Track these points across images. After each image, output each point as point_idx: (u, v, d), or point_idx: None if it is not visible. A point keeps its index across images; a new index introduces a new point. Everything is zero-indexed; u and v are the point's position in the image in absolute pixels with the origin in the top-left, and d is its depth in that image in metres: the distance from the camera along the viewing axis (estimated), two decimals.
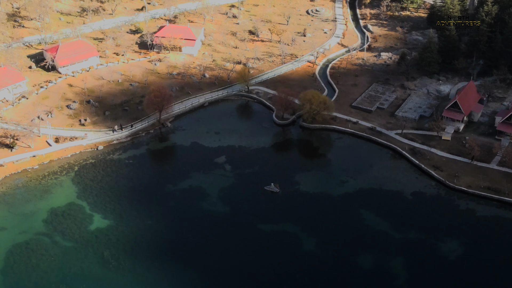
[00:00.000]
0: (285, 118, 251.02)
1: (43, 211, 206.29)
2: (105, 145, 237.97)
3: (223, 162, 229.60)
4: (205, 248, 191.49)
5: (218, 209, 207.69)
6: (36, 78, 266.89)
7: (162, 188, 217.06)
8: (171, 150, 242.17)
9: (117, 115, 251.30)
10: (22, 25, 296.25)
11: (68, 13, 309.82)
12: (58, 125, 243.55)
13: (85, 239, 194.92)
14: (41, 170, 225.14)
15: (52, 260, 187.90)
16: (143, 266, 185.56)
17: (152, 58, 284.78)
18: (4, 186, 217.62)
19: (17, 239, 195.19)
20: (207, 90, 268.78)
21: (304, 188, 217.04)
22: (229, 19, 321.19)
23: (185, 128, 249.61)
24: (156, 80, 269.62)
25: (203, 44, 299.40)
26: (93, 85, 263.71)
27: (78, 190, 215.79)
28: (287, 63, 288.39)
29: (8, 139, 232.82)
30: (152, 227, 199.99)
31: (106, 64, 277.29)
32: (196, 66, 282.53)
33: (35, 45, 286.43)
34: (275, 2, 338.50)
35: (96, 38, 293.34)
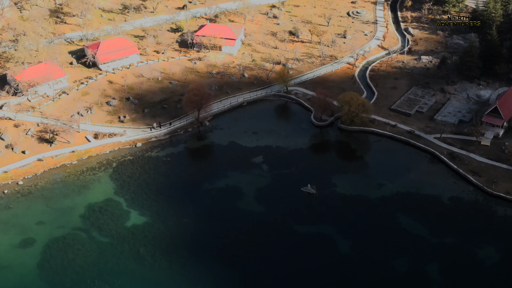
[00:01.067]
0: (323, 120, 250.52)
1: (81, 206, 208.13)
2: (143, 142, 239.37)
3: (260, 162, 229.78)
4: (240, 248, 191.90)
5: (254, 209, 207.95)
6: (77, 74, 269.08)
7: (199, 186, 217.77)
8: (209, 149, 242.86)
9: (156, 112, 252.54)
10: (64, 21, 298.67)
11: (109, 10, 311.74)
12: (97, 122, 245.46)
13: (122, 235, 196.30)
14: (79, 166, 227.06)
15: (88, 255, 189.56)
16: (178, 263, 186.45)
17: (192, 56, 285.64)
18: (43, 180, 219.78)
19: (54, 234, 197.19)
20: (246, 90, 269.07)
21: (340, 190, 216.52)
22: (270, 19, 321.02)
23: (223, 127, 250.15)
24: (195, 79, 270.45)
25: (243, 43, 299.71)
26: (133, 83, 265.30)
27: (116, 186, 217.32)
28: (326, 64, 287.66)
29: (48, 134, 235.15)
30: (188, 225, 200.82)
31: (146, 62, 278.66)
32: (236, 65, 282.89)
33: (76, 42, 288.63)
34: (316, 3, 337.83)
35: (137, 36, 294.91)
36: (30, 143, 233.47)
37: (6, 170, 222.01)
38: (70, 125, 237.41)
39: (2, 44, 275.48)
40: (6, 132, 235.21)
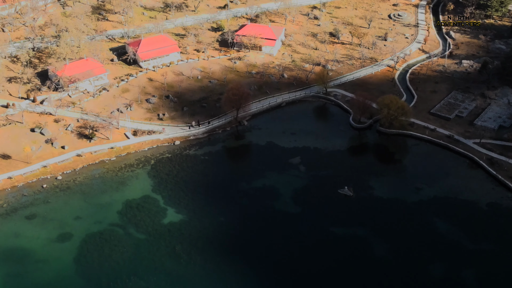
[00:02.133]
0: (362, 122, 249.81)
1: (118, 202, 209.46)
2: (181, 140, 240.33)
3: (297, 163, 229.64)
4: (275, 248, 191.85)
5: (291, 210, 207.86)
6: (117, 71, 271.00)
7: (236, 185, 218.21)
8: (247, 149, 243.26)
9: (195, 111, 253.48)
10: (106, 18, 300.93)
11: (151, 8, 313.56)
12: (136, 119, 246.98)
13: (158, 232, 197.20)
14: (118, 162, 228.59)
15: (124, 251, 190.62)
16: (213, 262, 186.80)
17: (232, 56, 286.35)
18: (82, 176, 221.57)
19: (91, 229, 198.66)
20: (285, 90, 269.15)
21: (378, 193, 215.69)
22: (310, 20, 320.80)
23: (261, 127, 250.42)
24: (235, 78, 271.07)
25: (283, 44, 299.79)
26: (173, 81, 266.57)
27: (154, 184, 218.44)
28: (366, 66, 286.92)
29: (87, 130, 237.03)
30: (224, 224, 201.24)
31: (187, 60, 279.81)
32: (275, 66, 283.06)
33: (118, 39, 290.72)
34: (357, 5, 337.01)
35: (178, 34, 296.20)
36: (69, 138, 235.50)
37: (45, 164, 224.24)
38: (110, 121, 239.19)
39: (44, 40, 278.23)
40: (46, 127, 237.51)
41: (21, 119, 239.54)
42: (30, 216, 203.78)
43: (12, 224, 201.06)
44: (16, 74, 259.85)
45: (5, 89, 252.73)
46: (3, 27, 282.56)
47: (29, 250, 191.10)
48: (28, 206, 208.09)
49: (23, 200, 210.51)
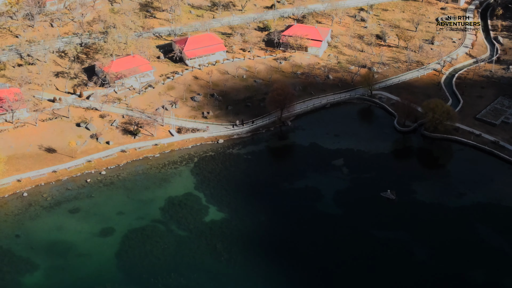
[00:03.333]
0: (406, 125, 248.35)
1: (161, 199, 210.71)
2: (225, 139, 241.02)
3: (340, 165, 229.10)
4: (316, 249, 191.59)
5: (332, 212, 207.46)
6: (163, 68, 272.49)
7: (278, 185, 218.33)
8: (290, 149, 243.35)
9: (239, 110, 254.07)
10: (153, 15, 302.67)
11: (198, 7, 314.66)
12: (181, 116, 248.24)
13: (199, 230, 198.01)
14: (161, 159, 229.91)
15: (165, 247, 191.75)
16: (254, 261, 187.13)
17: (277, 56, 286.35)
18: (125, 171, 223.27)
19: (133, 225, 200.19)
20: (329, 92, 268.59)
21: (420, 197, 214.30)
22: (357, 22, 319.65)
23: (305, 128, 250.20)
24: (280, 78, 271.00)
25: (329, 45, 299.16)
26: (218, 79, 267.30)
27: (196, 181, 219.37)
28: (412, 70, 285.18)
29: (132, 126, 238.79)
30: (266, 223, 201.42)
31: (232, 59, 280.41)
32: (321, 67, 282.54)
33: (164, 36, 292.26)
34: (405, 8, 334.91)
35: (224, 33, 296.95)
36: (114, 134, 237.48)
37: (90, 159, 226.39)
38: (155, 118, 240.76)
39: (92, 36, 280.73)
40: (91, 122, 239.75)
41: (67, 114, 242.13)
42: (74, 210, 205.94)
43: (55, 217, 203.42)
44: (63, 69, 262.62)
45: (52, 84, 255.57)
46: (52, 22, 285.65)
47: (71, 244, 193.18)
48: (72, 200, 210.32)
49: (67, 194, 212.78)
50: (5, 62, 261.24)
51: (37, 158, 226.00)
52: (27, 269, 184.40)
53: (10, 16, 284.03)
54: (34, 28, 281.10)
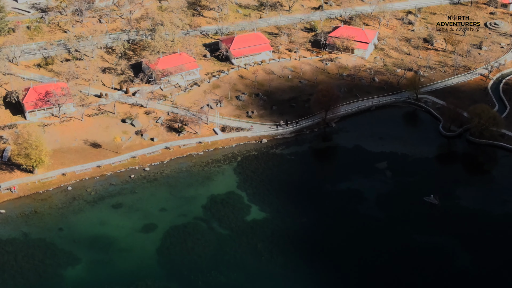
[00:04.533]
0: (451, 130, 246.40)
1: (203, 197, 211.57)
2: (269, 138, 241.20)
3: (384, 168, 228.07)
4: (356, 253, 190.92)
5: (374, 214, 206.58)
6: (209, 67, 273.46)
7: (320, 187, 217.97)
8: (333, 151, 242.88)
9: (284, 110, 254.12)
10: (201, 14, 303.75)
11: (246, 6, 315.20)
12: (225, 115, 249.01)
13: (241, 229, 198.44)
14: (205, 157, 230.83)
15: (206, 245, 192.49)
16: (294, 262, 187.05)
17: (323, 57, 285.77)
18: (169, 168, 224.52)
19: (175, 222, 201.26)
20: (375, 94, 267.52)
21: (464, 203, 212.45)
22: (405, 25, 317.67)
23: (349, 130, 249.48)
24: (325, 80, 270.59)
25: (375, 48, 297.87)
26: (263, 79, 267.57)
27: (239, 180, 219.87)
28: (459, 74, 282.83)
29: (177, 124, 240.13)
30: (307, 225, 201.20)
31: (278, 60, 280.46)
32: (367, 69, 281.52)
33: (211, 35, 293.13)
34: (453, 12, 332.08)
35: (271, 33, 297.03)
36: (159, 131, 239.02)
37: (134, 155, 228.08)
38: (199, 116, 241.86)
39: (139, 33, 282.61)
40: (137, 118, 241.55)
41: (113, 109, 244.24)
42: (117, 205, 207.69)
43: (98, 212, 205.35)
44: (110, 65, 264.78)
45: (99, 79, 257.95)
46: (100, 18, 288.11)
47: (113, 238, 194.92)
48: (115, 195, 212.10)
49: (111, 189, 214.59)
50: (53, 56, 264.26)
51: (82, 152, 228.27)
52: (69, 262, 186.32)
53: (60, 11, 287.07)
54: (82, 24, 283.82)
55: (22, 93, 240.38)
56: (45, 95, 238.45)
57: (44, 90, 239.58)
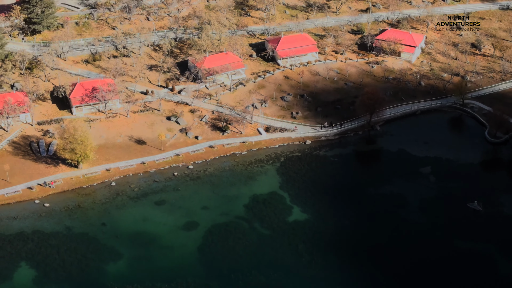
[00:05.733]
0: (498, 137, 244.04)
1: (246, 196, 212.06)
2: (312, 140, 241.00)
3: (427, 173, 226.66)
4: (397, 257, 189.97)
5: (416, 219, 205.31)
6: (255, 67, 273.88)
7: (363, 190, 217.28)
8: (377, 154, 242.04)
9: (328, 112, 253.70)
10: (248, 14, 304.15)
11: (293, 7, 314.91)
12: (270, 115, 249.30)
13: (282, 230, 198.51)
14: (248, 156, 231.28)
15: (247, 244, 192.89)
16: (334, 264, 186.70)
17: (370, 60, 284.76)
18: (212, 167, 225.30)
19: (217, 220, 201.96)
20: (421, 98, 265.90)
21: (508, 211, 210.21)
22: (452, 29, 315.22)
23: (394, 134, 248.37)
24: (371, 83, 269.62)
25: (422, 51, 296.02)
26: (309, 80, 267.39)
27: (282, 181, 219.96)
28: (507, 80, 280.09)
29: (221, 123, 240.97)
30: (348, 227, 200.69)
31: (324, 61, 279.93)
32: (413, 73, 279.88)
33: (258, 35, 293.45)
34: (502, 17, 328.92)
35: (317, 34, 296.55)
36: (203, 129, 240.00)
37: (178, 153, 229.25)
38: (244, 116, 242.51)
39: (187, 31, 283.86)
40: (182, 116, 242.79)
41: (158, 107, 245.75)
42: (159, 202, 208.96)
43: (141, 208, 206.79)
44: (157, 62, 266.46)
45: (146, 77, 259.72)
46: (148, 16, 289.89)
47: (155, 235, 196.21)
48: (158, 192, 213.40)
49: (154, 186, 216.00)
50: (101, 53, 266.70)
51: (126, 149, 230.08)
52: (111, 257, 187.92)
53: (108, 8, 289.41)
54: (130, 21, 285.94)
55: (69, 88, 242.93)
56: (92, 91, 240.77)
57: (91, 86, 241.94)
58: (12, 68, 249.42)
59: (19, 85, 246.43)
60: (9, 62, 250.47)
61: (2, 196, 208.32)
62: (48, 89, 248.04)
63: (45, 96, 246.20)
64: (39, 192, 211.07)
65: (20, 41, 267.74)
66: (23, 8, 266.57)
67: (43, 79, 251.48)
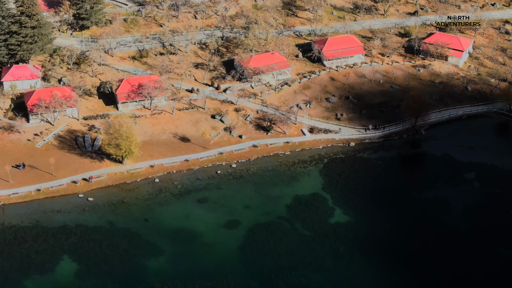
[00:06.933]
0: None
1: (288, 196, 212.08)
2: (356, 142, 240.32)
3: (472, 179, 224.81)
4: (438, 262, 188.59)
5: (459, 225, 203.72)
6: (301, 67, 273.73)
7: (406, 194, 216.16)
8: (421, 158, 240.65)
9: (373, 115, 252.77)
10: (295, 14, 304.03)
11: (341, 8, 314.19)
12: (314, 116, 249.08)
13: (324, 231, 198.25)
14: (291, 157, 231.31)
15: (288, 245, 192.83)
16: (375, 267, 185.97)
17: (416, 63, 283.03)
18: (255, 166, 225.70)
19: (259, 219, 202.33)
20: (467, 103, 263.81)
21: None
22: (501, 34, 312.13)
23: (439, 138, 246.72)
24: (417, 86, 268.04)
25: (470, 56, 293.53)
26: (354, 82, 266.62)
27: (324, 182, 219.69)
28: None
29: (265, 122, 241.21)
30: (390, 231, 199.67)
31: (370, 63, 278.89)
32: (460, 77, 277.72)
33: (304, 36, 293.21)
34: None
35: (364, 36, 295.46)
36: (247, 128, 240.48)
37: (222, 151, 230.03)
38: (288, 116, 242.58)
39: (233, 30, 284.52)
40: (226, 115, 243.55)
41: (203, 105, 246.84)
42: (202, 200, 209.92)
43: (184, 205, 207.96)
44: (203, 61, 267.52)
45: (192, 74, 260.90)
46: (195, 14, 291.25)
47: (197, 232, 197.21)
48: (201, 189, 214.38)
49: (197, 184, 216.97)
50: (148, 50, 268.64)
51: (170, 146, 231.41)
52: (153, 253, 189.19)
53: (156, 5, 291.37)
54: (178, 19, 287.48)
55: (116, 84, 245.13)
56: (138, 87, 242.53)
57: (137, 82, 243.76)
58: (60, 63, 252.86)
59: (67, 79, 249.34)
60: (57, 56, 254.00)
61: (47, 189, 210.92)
62: (95, 85, 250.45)
63: (92, 91, 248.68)
64: (83, 187, 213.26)
65: (68, 36, 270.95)
66: (72, 4, 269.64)
67: (90, 75, 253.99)
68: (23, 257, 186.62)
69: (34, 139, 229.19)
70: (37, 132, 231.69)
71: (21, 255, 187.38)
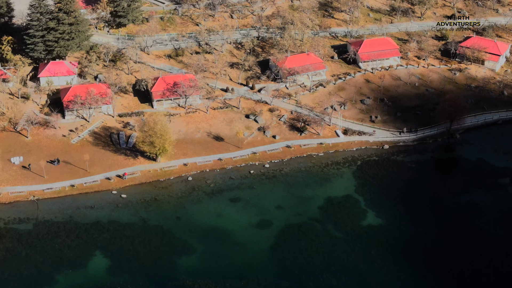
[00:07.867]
0: None
1: (320, 198, 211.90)
2: (390, 145, 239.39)
3: (506, 184, 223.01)
4: (471, 268, 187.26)
5: (492, 231, 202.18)
6: (336, 69, 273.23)
7: (439, 198, 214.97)
8: (455, 162, 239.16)
9: (408, 117, 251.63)
10: (331, 15, 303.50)
11: (377, 10, 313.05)
12: (348, 118, 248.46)
13: (356, 233, 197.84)
14: (325, 158, 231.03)
15: (320, 246, 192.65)
16: (407, 271, 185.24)
17: (452, 67, 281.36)
18: (288, 167, 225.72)
19: (291, 220, 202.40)
20: (503, 108, 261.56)
21: None
22: None
23: (473, 143, 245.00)
24: (452, 90, 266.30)
25: (507, 60, 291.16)
26: (390, 85, 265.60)
27: (357, 184, 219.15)
28: None
29: (299, 123, 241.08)
30: (423, 235, 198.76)
31: (406, 66, 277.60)
32: (496, 82, 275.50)
33: (340, 37, 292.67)
34: None
35: (400, 39, 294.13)
36: (281, 129, 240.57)
37: (255, 151, 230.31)
38: (322, 117, 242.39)
39: (269, 30, 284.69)
40: (260, 115, 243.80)
41: (237, 104, 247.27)
42: (234, 199, 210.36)
43: (216, 204, 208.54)
44: (238, 60, 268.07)
45: (227, 74, 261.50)
46: (232, 14, 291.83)
47: (229, 232, 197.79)
48: (234, 189, 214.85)
49: (230, 183, 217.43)
50: (183, 48, 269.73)
51: (204, 144, 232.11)
52: (184, 251, 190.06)
53: (193, 4, 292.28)
54: (214, 18, 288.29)
55: (151, 82, 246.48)
56: (173, 86, 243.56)
57: (173, 81, 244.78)
58: (96, 60, 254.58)
59: (102, 76, 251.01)
60: (93, 53, 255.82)
61: (80, 185, 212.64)
62: (130, 82, 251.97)
63: (127, 88, 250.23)
64: (117, 183, 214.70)
65: (105, 34, 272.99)
66: (109, 1, 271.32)
67: (126, 72, 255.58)
68: (55, 252, 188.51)
69: (69, 135, 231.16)
70: (72, 128, 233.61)
71: (54, 250, 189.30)
